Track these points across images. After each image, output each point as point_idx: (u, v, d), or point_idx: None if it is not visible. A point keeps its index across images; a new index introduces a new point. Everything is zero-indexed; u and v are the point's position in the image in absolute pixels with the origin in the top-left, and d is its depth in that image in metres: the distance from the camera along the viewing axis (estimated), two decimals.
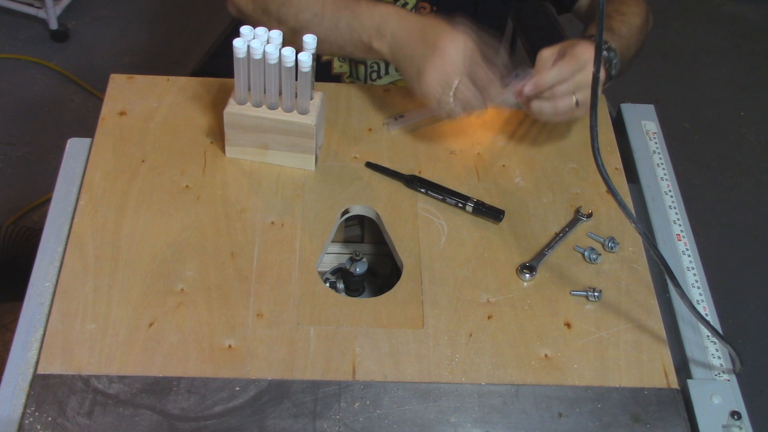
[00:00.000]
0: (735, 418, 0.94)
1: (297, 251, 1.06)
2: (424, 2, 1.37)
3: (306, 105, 1.11)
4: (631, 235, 1.12)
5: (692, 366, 1.01)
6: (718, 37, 2.95)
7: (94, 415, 0.90)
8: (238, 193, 1.12)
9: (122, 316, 0.98)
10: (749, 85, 2.79)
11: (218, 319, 0.99)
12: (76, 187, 1.12)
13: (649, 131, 1.29)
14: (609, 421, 0.94)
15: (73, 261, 1.03)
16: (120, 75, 1.26)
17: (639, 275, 1.08)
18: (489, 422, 0.93)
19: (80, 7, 2.75)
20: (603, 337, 1.01)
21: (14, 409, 0.91)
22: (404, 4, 1.36)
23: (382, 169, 1.17)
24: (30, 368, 0.94)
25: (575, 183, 1.18)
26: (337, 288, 1.17)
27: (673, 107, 2.64)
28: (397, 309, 1.02)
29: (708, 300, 1.08)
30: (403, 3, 1.36)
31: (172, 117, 1.21)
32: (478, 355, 0.98)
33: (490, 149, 1.22)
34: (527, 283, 1.06)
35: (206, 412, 0.91)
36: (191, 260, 1.04)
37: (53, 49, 2.62)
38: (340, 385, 0.94)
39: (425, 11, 1.38)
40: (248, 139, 1.14)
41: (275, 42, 1.06)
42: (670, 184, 1.21)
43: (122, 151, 1.16)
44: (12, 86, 2.50)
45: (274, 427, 0.91)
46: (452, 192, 1.13)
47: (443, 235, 1.10)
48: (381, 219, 1.12)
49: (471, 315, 1.02)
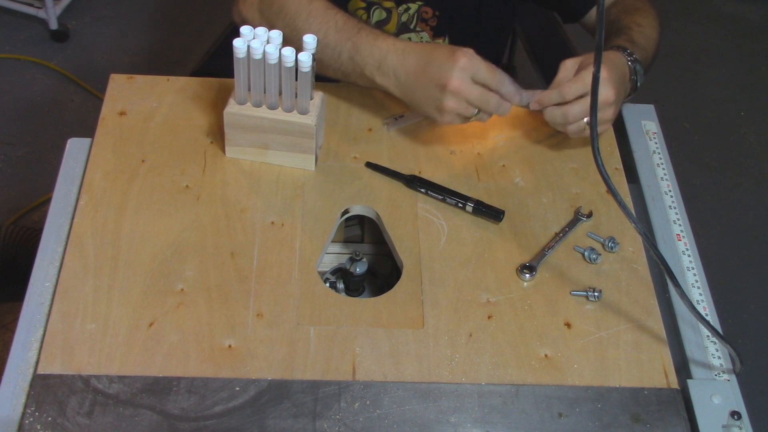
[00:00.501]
0: (735, 418, 0.94)
1: (297, 251, 1.06)
2: (426, 6, 1.37)
3: (306, 105, 1.11)
4: (631, 235, 1.12)
5: (692, 366, 1.01)
6: (718, 37, 2.95)
7: (94, 415, 0.90)
8: (238, 193, 1.12)
9: (122, 316, 0.98)
10: (749, 85, 2.79)
11: (218, 319, 0.99)
12: (76, 187, 1.12)
13: (649, 131, 1.29)
14: (609, 421, 0.94)
15: (73, 261, 1.03)
16: (120, 75, 1.26)
17: (639, 275, 1.08)
18: (489, 422, 0.93)
19: (80, 7, 2.75)
20: (603, 337, 1.01)
21: (14, 409, 0.91)
22: (407, 9, 1.36)
23: (382, 169, 1.17)
24: (30, 368, 0.94)
25: (575, 183, 1.18)
26: (337, 288, 1.17)
27: (673, 107, 2.64)
28: (397, 309, 1.02)
29: (708, 300, 1.08)
30: (406, 8, 1.36)
31: (172, 117, 1.21)
32: (478, 355, 0.98)
33: (490, 149, 1.22)
34: (527, 283, 1.06)
35: (206, 412, 0.91)
36: (191, 260, 1.04)
37: (53, 49, 2.62)
38: (340, 385, 0.94)
39: (428, 15, 1.38)
40: (248, 139, 1.14)
41: (275, 42, 1.06)
42: (670, 184, 1.21)
43: (122, 151, 1.16)
44: (12, 86, 2.50)
45: (274, 427, 0.91)
46: (452, 192, 1.13)
47: (443, 235, 1.10)
48: (381, 219, 1.12)
49: (471, 315, 1.02)
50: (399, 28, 1.39)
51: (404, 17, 1.38)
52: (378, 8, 1.37)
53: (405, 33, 1.39)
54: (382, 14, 1.37)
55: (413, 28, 1.39)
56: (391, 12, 1.37)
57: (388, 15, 1.37)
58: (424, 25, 1.39)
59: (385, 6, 1.37)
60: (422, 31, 1.39)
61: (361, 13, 1.36)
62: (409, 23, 1.39)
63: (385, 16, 1.37)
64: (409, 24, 1.39)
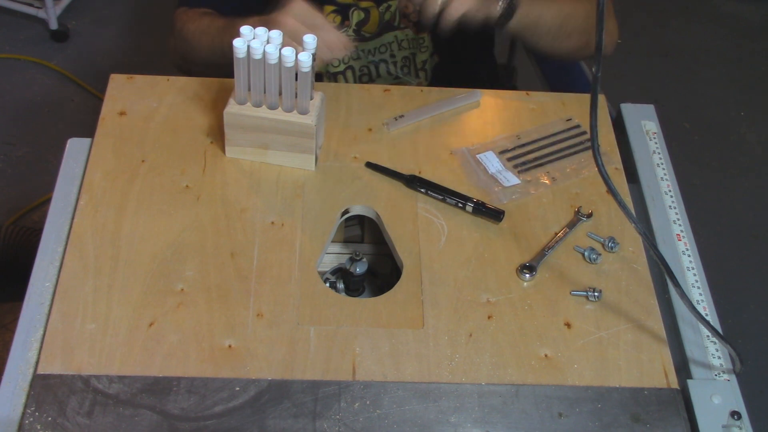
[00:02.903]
0: (735, 418, 0.94)
1: (297, 251, 1.06)
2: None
3: (306, 105, 1.11)
4: (631, 235, 1.12)
5: (692, 366, 1.01)
6: (718, 37, 2.95)
7: (94, 415, 0.90)
8: (238, 193, 1.12)
9: (122, 316, 0.98)
10: (749, 85, 2.79)
11: (218, 319, 0.99)
12: (76, 187, 1.12)
13: (649, 131, 1.29)
14: (609, 421, 0.94)
15: (73, 261, 1.03)
16: (120, 75, 1.26)
17: (639, 275, 1.08)
18: (489, 422, 0.93)
19: (80, 7, 2.75)
20: (603, 337, 1.01)
21: (14, 409, 0.91)
22: (388, 7, 1.37)
23: (382, 169, 1.17)
24: (30, 368, 0.94)
25: (575, 183, 1.18)
26: (337, 288, 1.17)
27: (673, 107, 2.64)
28: (397, 309, 1.02)
29: (708, 300, 1.08)
30: (387, 6, 1.37)
31: (172, 117, 1.21)
32: (478, 355, 0.98)
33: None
34: (527, 283, 1.06)
35: (206, 412, 0.91)
36: (191, 260, 1.04)
37: (53, 49, 2.62)
38: (340, 385, 0.94)
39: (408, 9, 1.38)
40: (248, 139, 1.14)
41: (275, 42, 1.06)
42: (670, 184, 1.21)
43: (122, 151, 1.16)
44: (12, 86, 2.50)
45: (274, 427, 0.91)
46: (452, 192, 1.13)
47: (443, 235, 1.10)
48: (381, 219, 1.12)
49: (471, 315, 1.02)
50: (381, 26, 1.39)
51: (387, 15, 1.38)
52: (356, 9, 1.37)
53: (389, 32, 1.39)
54: (361, 15, 1.38)
55: (397, 25, 1.39)
56: (370, 12, 1.38)
57: (366, 15, 1.38)
58: (407, 21, 1.39)
59: (363, 6, 1.37)
60: (405, 27, 1.40)
61: (333, 17, 1.36)
62: (392, 21, 1.39)
63: (364, 17, 1.38)
64: (392, 22, 1.39)
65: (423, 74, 1.44)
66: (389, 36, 1.40)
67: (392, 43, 1.40)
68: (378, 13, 1.38)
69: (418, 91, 1.29)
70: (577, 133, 1.24)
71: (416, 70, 1.43)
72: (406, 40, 1.41)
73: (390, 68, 1.41)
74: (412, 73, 1.43)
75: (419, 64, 1.43)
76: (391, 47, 1.40)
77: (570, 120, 1.26)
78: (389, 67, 1.41)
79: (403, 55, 1.41)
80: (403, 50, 1.41)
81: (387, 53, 1.41)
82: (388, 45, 1.40)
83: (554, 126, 1.25)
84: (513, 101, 1.29)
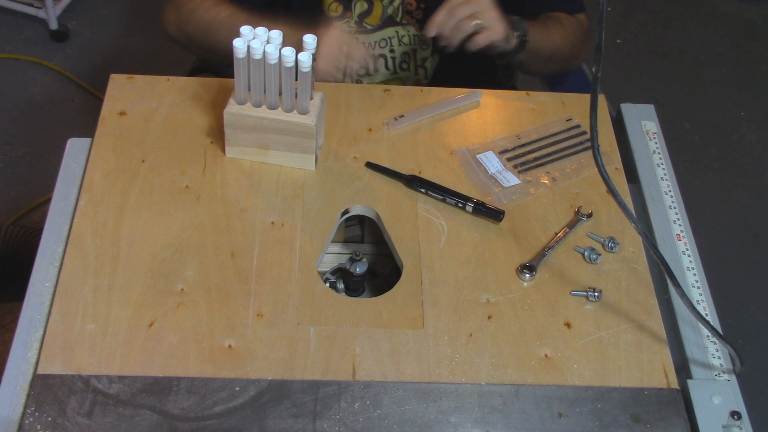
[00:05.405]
0: (735, 418, 0.94)
1: (297, 251, 1.06)
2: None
3: (306, 105, 1.11)
4: (631, 235, 1.12)
5: (692, 366, 1.01)
6: (718, 37, 2.95)
7: (94, 415, 0.90)
8: (238, 193, 1.12)
9: (122, 316, 0.98)
10: (749, 85, 2.79)
11: (218, 319, 0.99)
12: (76, 187, 1.12)
13: (649, 131, 1.29)
14: (609, 421, 0.94)
15: (73, 261, 1.03)
16: (120, 75, 1.26)
17: (639, 275, 1.08)
18: (489, 422, 0.93)
19: (80, 7, 2.75)
20: (603, 337, 1.01)
21: (14, 409, 0.91)
22: (391, 1, 1.37)
23: (382, 169, 1.17)
24: (30, 368, 0.94)
25: (575, 183, 1.18)
26: (337, 288, 1.17)
27: (673, 107, 2.64)
28: (397, 309, 1.02)
29: (708, 300, 1.08)
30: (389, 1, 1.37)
31: (172, 117, 1.21)
32: (478, 355, 0.98)
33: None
34: (527, 283, 1.06)
35: (206, 412, 0.91)
36: (191, 260, 1.04)
37: (53, 49, 2.62)
38: (340, 385, 0.94)
39: (412, 6, 1.38)
40: (248, 139, 1.14)
41: (275, 42, 1.06)
42: (670, 184, 1.21)
43: (122, 151, 1.16)
44: (12, 86, 2.50)
45: (274, 427, 0.91)
46: (452, 192, 1.13)
47: (443, 235, 1.10)
48: (381, 219, 1.12)
49: (471, 315, 1.02)
50: (384, 20, 1.39)
51: (390, 10, 1.38)
52: (359, 0, 1.37)
53: (391, 26, 1.39)
54: (364, 6, 1.38)
55: (400, 20, 1.39)
56: (373, 4, 1.38)
57: (369, 7, 1.38)
58: (410, 18, 1.39)
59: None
60: (408, 24, 1.40)
61: (335, 6, 1.37)
62: (395, 16, 1.39)
63: (367, 8, 1.38)
64: (395, 17, 1.39)
65: (423, 71, 1.44)
66: (390, 30, 1.40)
67: (393, 38, 1.40)
68: (381, 6, 1.38)
69: (418, 91, 1.29)
70: (577, 133, 1.24)
71: (416, 67, 1.43)
72: (408, 36, 1.41)
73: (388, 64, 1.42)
74: (411, 69, 1.43)
75: (419, 60, 1.43)
76: (391, 42, 1.40)
77: (570, 120, 1.26)
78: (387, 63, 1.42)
79: (403, 51, 1.41)
80: (403, 46, 1.41)
81: (387, 48, 1.41)
82: (389, 39, 1.40)
83: (554, 126, 1.25)
84: (513, 101, 1.29)
